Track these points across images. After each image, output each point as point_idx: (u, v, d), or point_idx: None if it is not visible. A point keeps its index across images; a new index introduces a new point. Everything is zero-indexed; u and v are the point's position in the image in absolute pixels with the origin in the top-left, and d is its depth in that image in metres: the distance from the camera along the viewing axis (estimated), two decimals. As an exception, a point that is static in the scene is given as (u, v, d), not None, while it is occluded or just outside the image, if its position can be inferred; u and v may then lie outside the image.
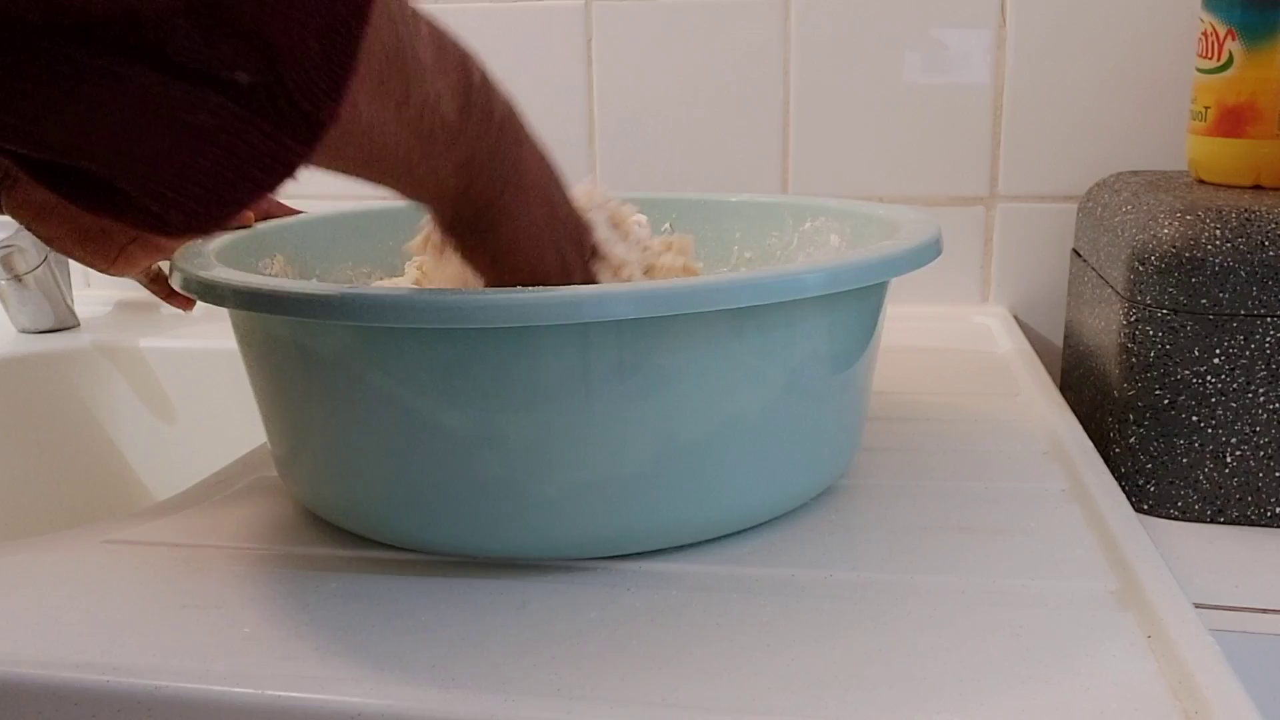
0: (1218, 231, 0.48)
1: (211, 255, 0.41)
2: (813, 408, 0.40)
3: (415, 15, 0.29)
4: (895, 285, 0.43)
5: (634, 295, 0.34)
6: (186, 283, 0.38)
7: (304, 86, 0.23)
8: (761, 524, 0.41)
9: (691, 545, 0.40)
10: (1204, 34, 0.55)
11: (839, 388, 0.41)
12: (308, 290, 0.34)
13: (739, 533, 0.41)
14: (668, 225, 0.57)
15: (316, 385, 0.38)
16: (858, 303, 0.40)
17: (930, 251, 0.40)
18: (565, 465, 0.36)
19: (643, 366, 0.35)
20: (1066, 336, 0.67)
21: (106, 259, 0.52)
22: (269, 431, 0.43)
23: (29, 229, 0.50)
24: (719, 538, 0.40)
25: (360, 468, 0.39)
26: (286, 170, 0.24)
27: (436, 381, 0.35)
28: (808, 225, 0.54)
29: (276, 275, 0.49)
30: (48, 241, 0.51)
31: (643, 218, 0.47)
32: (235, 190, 0.24)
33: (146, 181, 0.23)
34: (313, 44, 0.23)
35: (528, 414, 0.35)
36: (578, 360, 0.35)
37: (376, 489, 0.39)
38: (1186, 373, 0.49)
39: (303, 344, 0.38)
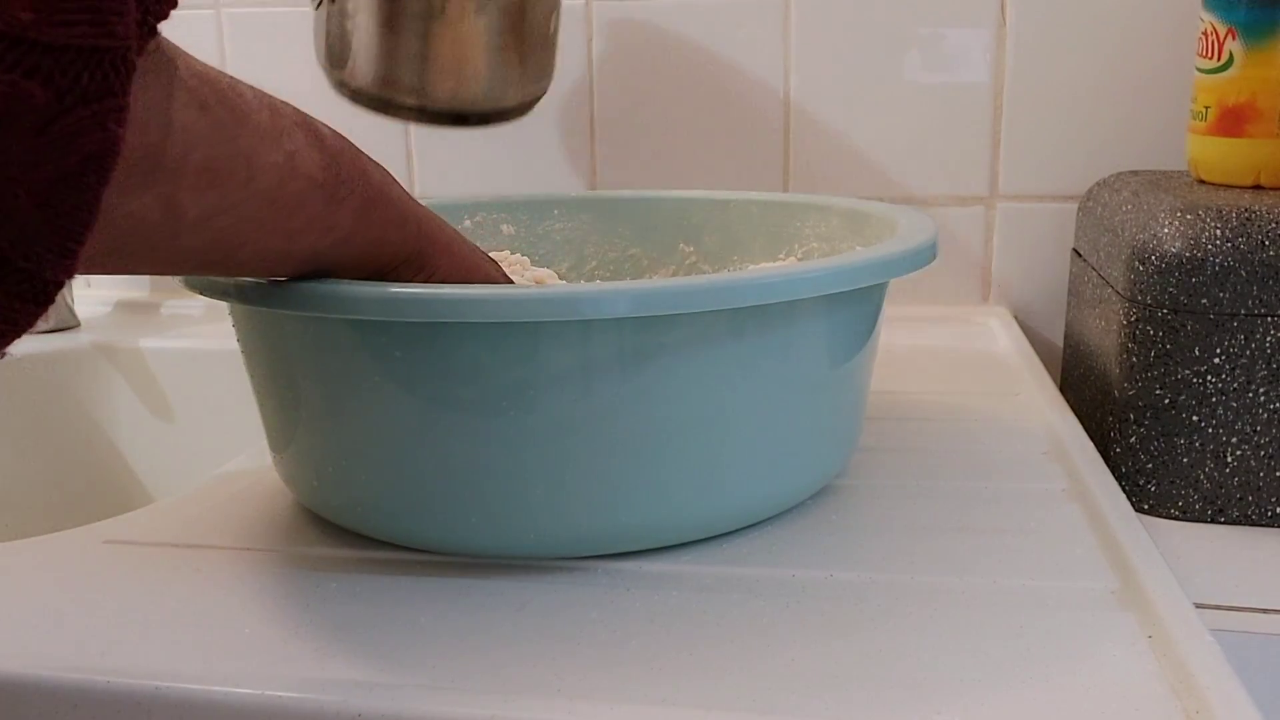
0: (1218, 231, 0.48)
1: None
2: (811, 404, 0.40)
3: (234, 83, 0.28)
4: (894, 285, 0.43)
5: (632, 294, 0.34)
6: (187, 281, 0.38)
7: (22, 250, 0.20)
8: (761, 523, 0.41)
9: (691, 545, 0.40)
10: (1204, 34, 0.55)
11: (837, 383, 0.41)
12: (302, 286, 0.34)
13: (739, 532, 0.41)
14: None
15: (314, 381, 0.38)
16: (857, 302, 0.40)
17: (928, 253, 0.40)
18: (564, 463, 0.36)
19: (641, 365, 0.35)
20: (1066, 336, 0.67)
21: None
22: (268, 429, 0.43)
23: None
24: (718, 536, 0.40)
25: (359, 465, 0.39)
26: (15, 332, 0.21)
27: (436, 378, 0.35)
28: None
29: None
30: None
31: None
32: None
33: None
34: (26, 205, 0.20)
35: (525, 412, 0.35)
36: (576, 358, 0.35)
37: (375, 487, 0.39)
38: (1187, 372, 0.49)
39: (300, 339, 0.38)
